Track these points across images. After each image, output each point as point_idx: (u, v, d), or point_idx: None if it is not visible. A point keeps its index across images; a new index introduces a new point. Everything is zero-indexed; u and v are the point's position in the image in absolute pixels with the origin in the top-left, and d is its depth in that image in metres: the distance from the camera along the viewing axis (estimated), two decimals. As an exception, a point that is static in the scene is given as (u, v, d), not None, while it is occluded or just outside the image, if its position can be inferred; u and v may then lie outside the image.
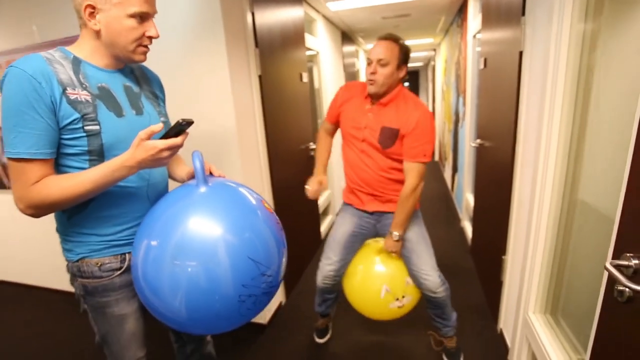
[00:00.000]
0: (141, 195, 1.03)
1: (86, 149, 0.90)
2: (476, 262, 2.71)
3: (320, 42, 3.54)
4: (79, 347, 2.09)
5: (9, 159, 0.85)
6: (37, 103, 0.82)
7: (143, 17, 0.92)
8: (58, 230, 1.03)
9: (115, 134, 0.93)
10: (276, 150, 2.28)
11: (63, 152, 0.90)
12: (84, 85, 0.90)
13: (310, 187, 1.66)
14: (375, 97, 1.58)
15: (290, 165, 2.56)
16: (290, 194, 2.47)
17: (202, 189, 0.93)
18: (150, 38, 0.96)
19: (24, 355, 2.11)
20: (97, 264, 0.99)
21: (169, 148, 0.87)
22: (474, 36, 3.07)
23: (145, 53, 0.99)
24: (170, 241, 0.84)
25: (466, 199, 3.38)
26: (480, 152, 2.56)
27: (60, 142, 0.89)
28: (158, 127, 0.87)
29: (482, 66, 2.43)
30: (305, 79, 2.88)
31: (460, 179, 3.89)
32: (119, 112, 0.96)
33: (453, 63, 4.44)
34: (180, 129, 0.89)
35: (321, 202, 3.44)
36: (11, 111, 0.82)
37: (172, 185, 1.13)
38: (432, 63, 8.01)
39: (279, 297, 2.40)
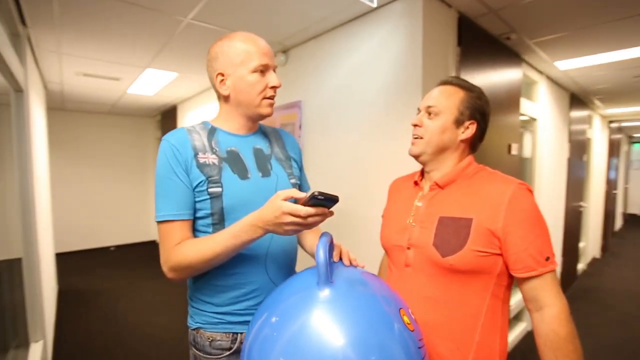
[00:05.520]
0: (258, 266, 0.96)
1: (209, 211, 0.91)
2: None
3: (540, 107, 2.97)
4: None
5: (158, 222, 0.91)
6: (176, 167, 0.90)
7: (264, 70, 0.96)
8: (188, 294, 1.04)
9: (236, 196, 0.93)
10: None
11: (195, 217, 0.94)
12: (214, 150, 0.95)
13: None
14: (426, 175, 1.02)
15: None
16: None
17: (324, 292, 0.71)
18: (274, 88, 0.98)
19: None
20: (209, 338, 0.95)
21: (292, 214, 0.74)
22: None
23: (271, 105, 1.00)
24: (276, 346, 0.67)
25: None
26: None
27: None
28: (300, 193, 0.78)
29: None
30: (514, 150, 2.40)
31: None
32: (243, 175, 0.96)
33: None
34: (315, 202, 0.73)
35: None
36: (160, 179, 0.91)
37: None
38: None
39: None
